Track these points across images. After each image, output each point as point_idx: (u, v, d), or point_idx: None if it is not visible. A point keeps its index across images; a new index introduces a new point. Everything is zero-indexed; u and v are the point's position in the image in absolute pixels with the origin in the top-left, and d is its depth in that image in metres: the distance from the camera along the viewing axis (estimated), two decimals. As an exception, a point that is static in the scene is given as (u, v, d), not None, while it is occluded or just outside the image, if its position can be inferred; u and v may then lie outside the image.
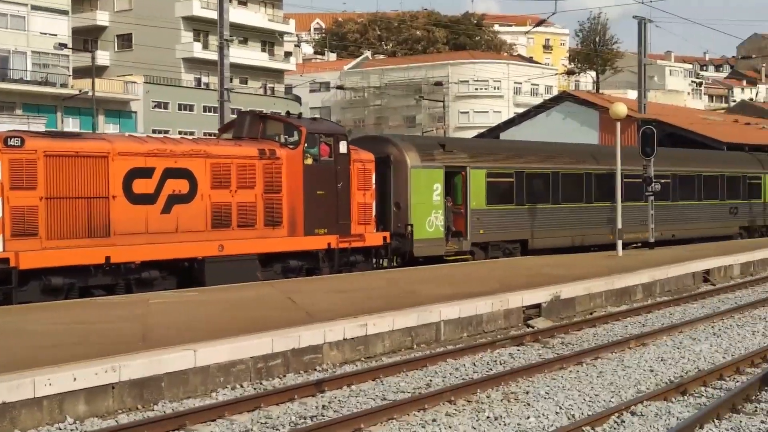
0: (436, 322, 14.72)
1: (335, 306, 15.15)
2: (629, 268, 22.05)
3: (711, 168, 36.20)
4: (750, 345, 14.30)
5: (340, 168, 21.70)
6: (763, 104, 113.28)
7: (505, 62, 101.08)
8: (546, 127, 50.33)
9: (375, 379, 11.87)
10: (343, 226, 21.73)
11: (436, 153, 25.40)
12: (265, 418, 10.03)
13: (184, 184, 18.86)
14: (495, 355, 13.68)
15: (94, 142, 18.17)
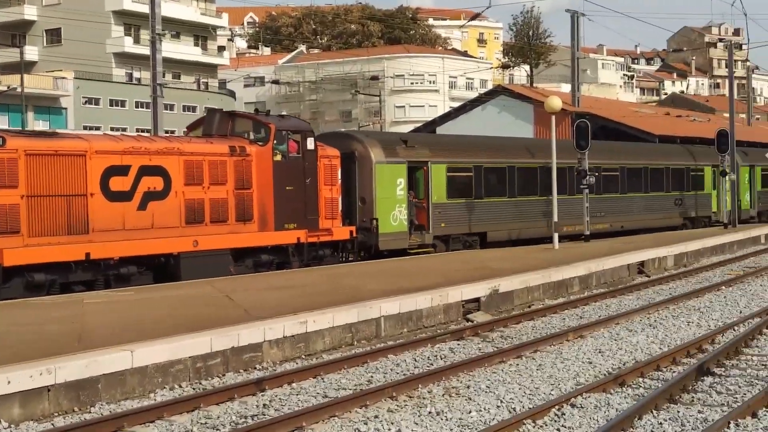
0: (377, 317, 14.73)
1: (275, 303, 15.08)
2: (566, 261, 22.31)
3: (658, 161, 37.34)
4: (685, 336, 14.55)
5: (308, 164, 22.23)
6: (693, 97, 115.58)
7: (440, 56, 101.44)
8: (482, 121, 50.66)
9: (316, 377, 11.84)
10: (311, 221, 22.24)
11: (399, 148, 25.99)
12: (205, 418, 9.94)
13: (159, 181, 19.30)
14: (435, 350, 13.74)
15: (71, 141, 18.67)
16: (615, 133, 44.10)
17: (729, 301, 18.56)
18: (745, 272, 24.02)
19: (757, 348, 13.36)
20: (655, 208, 36.73)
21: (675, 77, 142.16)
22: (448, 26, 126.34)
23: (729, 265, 26.68)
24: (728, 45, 46.79)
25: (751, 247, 32.58)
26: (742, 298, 18.88)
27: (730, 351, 12.76)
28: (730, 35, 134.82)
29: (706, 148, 40.39)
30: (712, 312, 17.05)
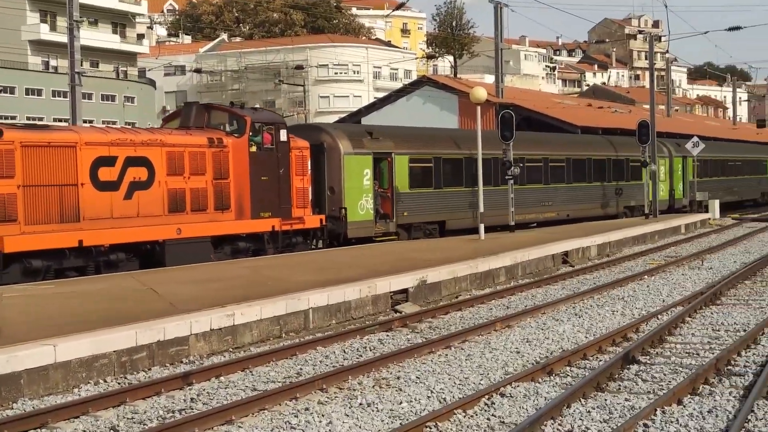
0: (305, 309, 14.70)
1: (201, 296, 14.95)
2: (492, 252, 22.54)
3: (600, 152, 39.09)
4: (610, 324, 14.83)
5: (281, 155, 23.32)
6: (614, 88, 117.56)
7: (365, 46, 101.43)
8: (407, 112, 50.79)
9: (244, 370, 11.78)
10: (284, 210, 23.39)
11: (365, 140, 27.09)
12: (132, 413, 9.82)
13: (144, 171, 20.27)
14: (365, 341, 13.77)
15: (63, 132, 19.65)
16: (538, 124, 44.65)
17: (652, 290, 18.97)
18: (666, 262, 24.56)
19: (681, 336, 13.69)
20: (598, 198, 38.34)
21: (596, 69, 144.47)
22: (371, 16, 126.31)
23: (651, 254, 27.24)
24: (648, 37, 47.69)
25: (671, 237, 33.31)
26: (664, 287, 19.30)
27: (655, 339, 13.05)
28: (650, 27, 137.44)
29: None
30: (636, 301, 17.41)
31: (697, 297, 17.14)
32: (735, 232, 35.47)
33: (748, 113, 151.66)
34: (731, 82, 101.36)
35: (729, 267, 22.93)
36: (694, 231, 36.57)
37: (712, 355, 12.00)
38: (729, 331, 13.95)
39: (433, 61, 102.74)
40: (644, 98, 73.02)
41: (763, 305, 16.47)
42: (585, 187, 37.46)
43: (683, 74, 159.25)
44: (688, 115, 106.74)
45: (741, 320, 14.90)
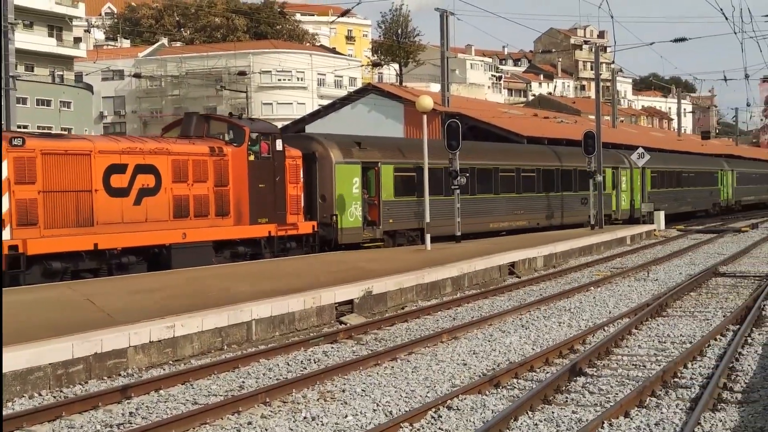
0: (248, 321, 14.61)
1: (140, 307, 14.78)
2: (438, 262, 22.62)
3: (568, 163, 40.90)
4: (557, 336, 14.95)
5: (277, 164, 24.95)
6: (560, 98, 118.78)
7: (309, 53, 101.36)
8: (352, 120, 50.73)
9: (185, 383, 11.67)
10: (280, 216, 24.99)
11: (354, 150, 28.62)
12: (68, 427, 9.68)
13: (151, 178, 21.74)
14: (309, 353, 13.72)
15: (78, 141, 21.36)
16: (484, 133, 44.95)
17: (598, 301, 19.17)
18: (612, 273, 24.84)
19: (627, 348, 13.85)
20: (566, 207, 40.08)
21: (542, 79, 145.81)
22: (316, 22, 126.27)
23: (597, 265, 27.55)
24: (594, 47, 48.29)
25: (617, 248, 33.72)
26: (610, 299, 19.51)
27: (601, 351, 13.18)
28: (595, 38, 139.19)
29: (606, 152, 43.12)
30: (582, 312, 17.57)
31: (643, 308, 17.35)
32: (680, 244, 36.02)
33: (693, 124, 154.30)
34: (676, 94, 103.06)
35: (675, 278, 23.26)
36: (640, 242, 37.07)
37: (658, 367, 12.15)
38: (675, 343, 14.14)
39: (378, 69, 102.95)
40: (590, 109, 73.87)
41: (709, 317, 16.74)
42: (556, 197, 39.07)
43: (629, 85, 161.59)
44: (634, 126, 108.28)
45: (687, 332, 15.11)
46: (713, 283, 22.31)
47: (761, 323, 15.73)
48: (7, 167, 18.57)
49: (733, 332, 14.76)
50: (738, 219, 57.61)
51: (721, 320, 16.03)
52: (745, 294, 19.87)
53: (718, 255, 30.06)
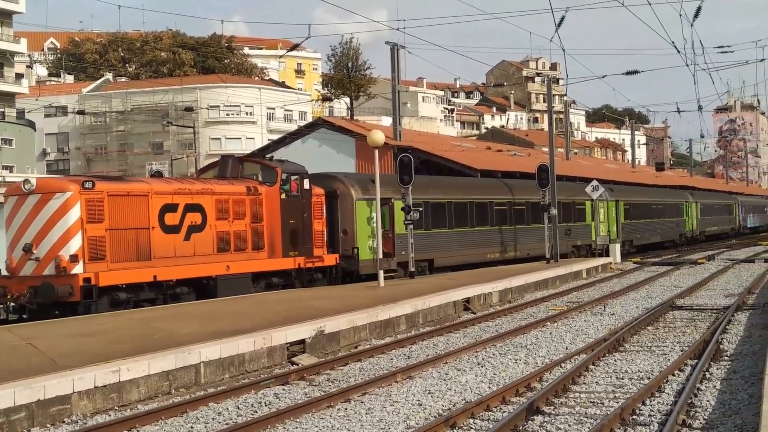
0: (196, 363, 14.43)
1: (84, 350, 14.55)
2: (392, 299, 22.57)
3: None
4: (513, 374, 14.96)
5: (305, 201, 27.74)
6: (513, 131, 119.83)
7: (258, 87, 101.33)
8: (302, 154, 50.57)
9: (131, 429, 11.49)
10: (308, 249, 27.64)
11: (370, 187, 30.28)
12: (8, 480, 9.45)
13: (198, 216, 24.42)
14: (260, 396, 13.59)
15: (138, 184, 23.97)
16: (437, 167, 45.18)
17: (555, 337, 19.23)
18: (568, 307, 24.96)
19: (585, 385, 13.89)
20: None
21: (495, 111, 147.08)
22: (264, 56, 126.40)
23: (553, 300, 27.68)
24: (546, 79, 48.84)
25: (573, 282, 33.93)
26: (567, 334, 19.59)
27: (559, 388, 13.20)
28: (547, 70, 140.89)
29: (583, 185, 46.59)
30: (539, 349, 17.61)
31: (600, 344, 17.43)
32: (636, 277, 36.34)
33: (647, 156, 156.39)
34: (629, 125, 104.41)
35: (631, 312, 23.43)
36: (596, 275, 37.34)
37: (616, 404, 12.19)
38: (633, 379, 14.21)
39: (329, 103, 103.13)
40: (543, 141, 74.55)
41: (667, 351, 16.85)
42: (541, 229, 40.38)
43: (582, 117, 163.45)
44: (588, 158, 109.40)
45: (645, 367, 15.20)
46: (670, 316, 22.50)
47: (719, 357, 15.86)
48: (80, 208, 21.24)
49: (691, 367, 14.87)
50: (701, 249, 59.61)
51: (679, 355, 16.14)
52: (703, 327, 20.06)
53: (675, 288, 30.36)
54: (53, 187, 21.74)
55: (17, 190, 22.01)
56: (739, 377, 13.87)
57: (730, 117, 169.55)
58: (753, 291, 28.01)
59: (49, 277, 20.87)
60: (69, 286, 20.69)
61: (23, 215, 21.60)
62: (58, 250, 21.10)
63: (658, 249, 58.44)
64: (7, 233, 22.04)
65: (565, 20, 32.90)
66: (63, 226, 21.19)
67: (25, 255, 21.33)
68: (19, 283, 21.11)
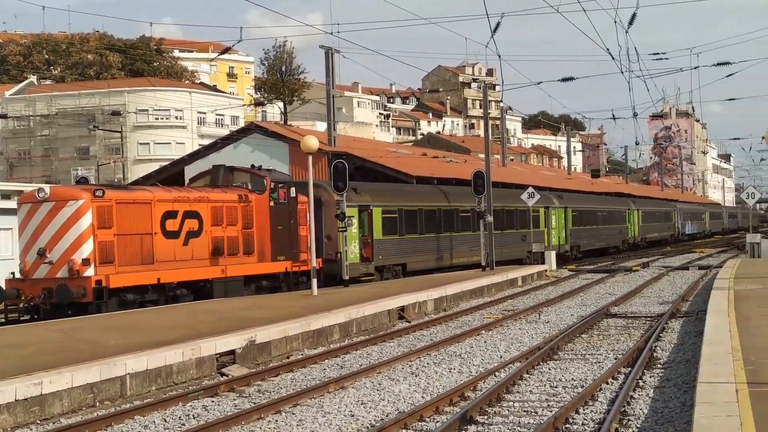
0: (122, 375, 14.27)
1: (4, 363, 14.29)
2: (325, 308, 22.55)
3: (514, 204, 46.69)
4: (447, 383, 15.03)
5: (292, 208, 29.83)
6: (449, 137, 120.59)
7: (188, 90, 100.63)
8: (234, 160, 50.20)
9: (53, 444, 11.31)
10: (294, 254, 29.72)
11: (352, 195, 32.78)
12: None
13: (196, 223, 26.29)
14: (188, 408, 13.48)
15: (142, 192, 25.83)
16: (372, 173, 45.23)
17: (489, 345, 19.37)
18: (503, 315, 25.17)
19: (519, 394, 14.01)
20: (511, 243, 45.88)
21: (431, 117, 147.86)
22: (195, 59, 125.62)
23: (488, 308, 27.88)
24: (482, 85, 49.24)
25: (508, 290, 34.22)
26: (502, 343, 19.75)
27: (493, 398, 13.31)
28: (484, 75, 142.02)
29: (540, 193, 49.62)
30: (473, 357, 17.73)
31: (534, 352, 17.60)
32: (571, 284, 36.77)
33: (583, 162, 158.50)
34: (565, 132, 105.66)
35: (566, 320, 23.70)
36: (531, 283, 37.70)
37: (550, 413, 12.32)
38: (567, 388, 14.38)
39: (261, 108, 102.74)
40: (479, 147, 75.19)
41: (600, 359, 17.08)
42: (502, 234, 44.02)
43: (518, 123, 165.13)
44: (524, 164, 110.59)
45: (578, 375, 15.39)
46: (604, 324, 22.81)
47: (653, 365, 16.12)
48: (92, 215, 23.06)
49: (624, 375, 15.09)
50: (642, 255, 61.82)
51: (612, 363, 16.36)
52: (637, 335, 20.37)
53: (610, 295, 30.79)
54: (66, 196, 23.64)
55: (31, 198, 23.89)
56: (672, 385, 14.12)
57: (665, 124, 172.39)
58: (687, 298, 28.52)
59: (64, 279, 22.66)
60: (82, 288, 22.56)
61: (37, 221, 23.36)
62: (71, 254, 22.94)
63: (603, 255, 61.61)
64: (20, 239, 23.89)
65: (500, 26, 33.14)
66: (76, 231, 23.06)
67: (39, 259, 23.09)
68: (33, 285, 22.92)
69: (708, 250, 67.49)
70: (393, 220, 35.94)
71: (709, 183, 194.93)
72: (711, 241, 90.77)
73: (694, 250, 68.17)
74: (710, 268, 42.24)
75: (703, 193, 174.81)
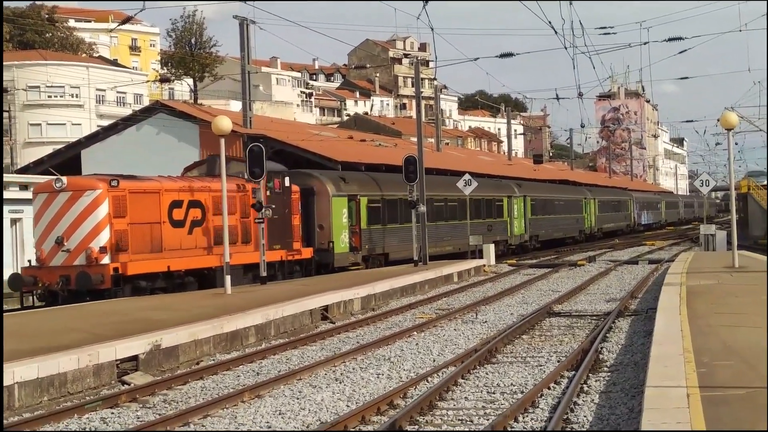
0: (9, 385, 14.06)
1: None
2: (240, 308, 22.48)
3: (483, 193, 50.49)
4: (375, 390, 15.09)
5: (286, 198, 33.17)
6: (378, 118, 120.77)
7: (85, 65, 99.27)
8: (138, 143, 50.13)
9: (-70, 463, 11.12)
10: (288, 243, 33.13)
11: (342, 184, 37.11)
12: None
13: (199, 212, 29.43)
14: (84, 421, 13.38)
15: (152, 182, 28.37)
16: (293, 158, 45.11)
17: (421, 348, 19.48)
18: (437, 315, 25.32)
19: (453, 401, 14.12)
20: (479, 232, 48.30)
21: (358, 96, 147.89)
22: (93, 30, 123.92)
23: (421, 307, 28.03)
24: (414, 61, 49.37)
25: (443, 287, 34.43)
26: (435, 345, 19.87)
27: (424, 405, 13.39)
28: (416, 50, 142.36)
29: (499, 182, 57.79)
30: (404, 361, 17.81)
31: (470, 355, 17.75)
32: (512, 280, 37.14)
33: (525, 146, 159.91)
34: (505, 113, 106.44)
35: (505, 320, 23.93)
36: (468, 279, 37.98)
37: (486, 421, 12.44)
38: (505, 393, 14.52)
39: (168, 85, 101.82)
40: (411, 130, 75.41)
41: (542, 362, 17.28)
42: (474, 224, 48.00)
43: (454, 104, 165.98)
44: (460, 149, 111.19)
45: (518, 380, 15.55)
46: (547, 324, 23.08)
47: (598, 368, 16.35)
48: (108, 204, 25.99)
49: (568, 379, 15.28)
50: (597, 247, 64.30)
51: (555, 366, 16.57)
52: (582, 336, 20.65)
53: (553, 292, 31.17)
54: (84, 186, 26.56)
55: (48, 188, 26.61)
56: (619, 389, 14.34)
57: (613, 105, 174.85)
58: (636, 295, 28.99)
59: (83, 266, 25.47)
60: (101, 275, 25.38)
61: (54, 211, 26.21)
62: (88, 243, 25.85)
63: (560, 245, 65.68)
64: (36, 227, 26.72)
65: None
66: (93, 220, 25.98)
67: (56, 247, 25.95)
68: (49, 272, 25.78)
69: (659, 242, 68.68)
70: (376, 210, 39.50)
71: (660, 169, 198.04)
72: (663, 233, 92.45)
73: (644, 242, 69.32)
74: (661, 262, 42.99)
75: (654, 181, 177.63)
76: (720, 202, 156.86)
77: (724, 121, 30.53)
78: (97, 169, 53.03)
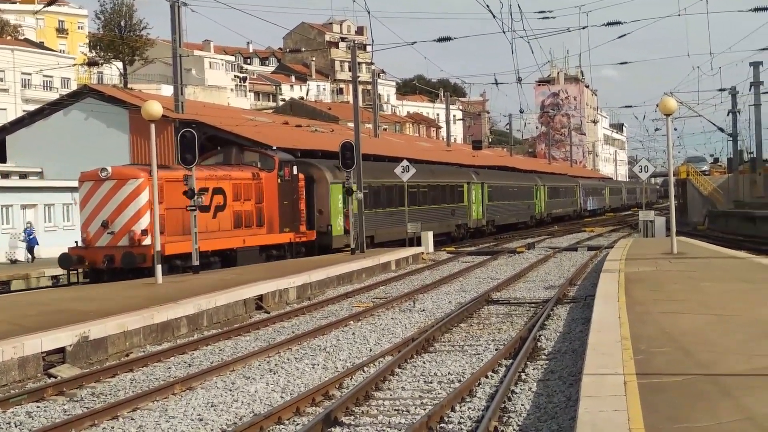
0: (-71, 379, 13.86)
1: None
2: (171, 298, 22.33)
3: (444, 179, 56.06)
4: (310, 381, 15.09)
5: (294, 185, 37.46)
6: (314, 103, 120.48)
7: (9, 48, 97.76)
8: (65, 128, 49.58)
9: None
10: (296, 226, 37.45)
11: (337, 172, 40.58)
12: None
13: (221, 198, 33.27)
14: (9, 416, 13.23)
15: (179, 171, 30.75)
16: (227, 144, 44.81)
17: (358, 337, 19.51)
18: (374, 304, 25.37)
19: (389, 391, 14.16)
20: (442, 217, 54.14)
21: (294, 81, 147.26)
22: (18, 11, 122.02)
23: (357, 296, 28.07)
24: (351, 45, 49.23)
25: (381, 275, 34.50)
26: (372, 334, 19.91)
27: (360, 396, 13.41)
28: (353, 34, 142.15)
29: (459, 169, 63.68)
30: (340, 351, 17.83)
31: (408, 344, 17.81)
32: (450, 268, 37.30)
33: (464, 132, 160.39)
34: (444, 98, 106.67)
35: (443, 308, 24.04)
36: (406, 267, 38.09)
37: (423, 411, 12.49)
38: (443, 383, 14.59)
39: (97, 68, 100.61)
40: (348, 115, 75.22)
41: (480, 351, 17.38)
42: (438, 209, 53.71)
43: (392, 89, 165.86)
44: (398, 135, 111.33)
45: (456, 369, 15.63)
46: (485, 312, 23.22)
47: (536, 356, 16.50)
48: (149, 191, 28.55)
49: (505, 368, 15.41)
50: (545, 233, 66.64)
51: (493, 354, 16.69)
52: (520, 323, 20.81)
53: (491, 280, 31.36)
54: (127, 174, 30.01)
55: (93, 176, 29.89)
56: (557, 378, 14.48)
57: (552, 90, 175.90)
58: (574, 282, 29.27)
59: (128, 247, 29.00)
60: (143, 255, 28.69)
61: (99, 197, 29.75)
62: (131, 226, 29.41)
63: (513, 230, 70.03)
64: (82, 212, 30.30)
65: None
66: (136, 206, 29.45)
67: (101, 229, 29.50)
68: (94, 252, 29.32)
69: (599, 229, 69.37)
70: (365, 196, 42.12)
71: (600, 155, 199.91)
72: (601, 220, 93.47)
73: (583, 229, 69.97)
74: (600, 249, 43.42)
75: (594, 166, 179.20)
76: (660, 188, 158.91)
77: (662, 106, 30.82)
78: (23, 155, 52.55)
